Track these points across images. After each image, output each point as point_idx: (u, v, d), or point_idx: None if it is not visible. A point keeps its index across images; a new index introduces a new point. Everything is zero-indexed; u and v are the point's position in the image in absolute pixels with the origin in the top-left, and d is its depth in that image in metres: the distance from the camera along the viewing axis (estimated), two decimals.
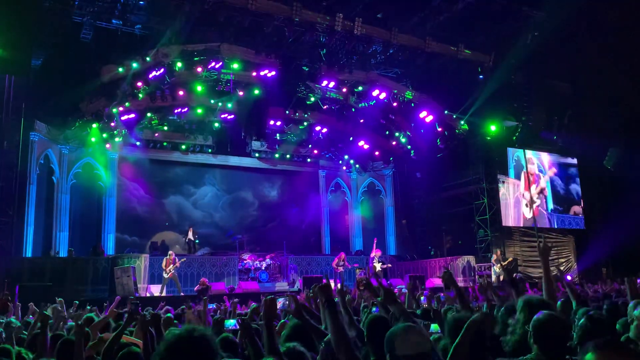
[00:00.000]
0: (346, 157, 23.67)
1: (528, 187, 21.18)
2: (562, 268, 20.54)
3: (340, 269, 18.42)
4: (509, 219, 20.67)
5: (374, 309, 5.65)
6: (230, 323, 4.46)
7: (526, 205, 21.12)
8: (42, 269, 14.90)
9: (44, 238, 17.57)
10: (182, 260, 16.85)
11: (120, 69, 15.85)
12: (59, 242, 17.86)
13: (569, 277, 19.28)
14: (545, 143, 22.26)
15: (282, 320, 5.15)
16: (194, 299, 13.06)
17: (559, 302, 5.00)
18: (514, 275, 15.19)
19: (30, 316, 8.05)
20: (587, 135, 21.60)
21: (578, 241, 21.99)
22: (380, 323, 3.57)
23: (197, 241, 19.67)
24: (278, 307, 6.02)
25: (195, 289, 15.51)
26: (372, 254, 19.22)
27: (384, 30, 16.89)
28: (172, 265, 16.03)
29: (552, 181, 22.35)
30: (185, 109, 18.82)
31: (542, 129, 21.56)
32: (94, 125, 17.61)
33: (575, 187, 22.92)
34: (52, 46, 15.17)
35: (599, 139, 21.86)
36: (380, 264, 18.98)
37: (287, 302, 6.96)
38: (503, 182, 20.74)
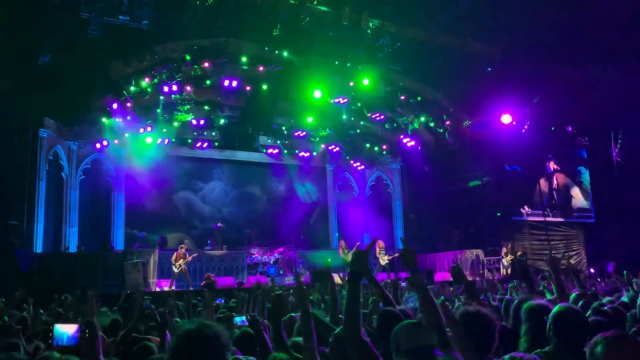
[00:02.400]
0: (354, 151, 23.63)
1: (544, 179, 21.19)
2: (572, 262, 20.45)
3: (350, 256, 18.28)
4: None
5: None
6: (240, 319, 4.47)
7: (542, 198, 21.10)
8: (52, 265, 15.00)
9: (53, 234, 17.70)
10: (194, 255, 16.91)
11: (128, 65, 15.89)
12: (69, 237, 17.98)
13: (592, 270, 19.21)
14: (555, 134, 22.11)
15: (292, 314, 5.15)
16: (199, 293, 13.08)
17: (572, 295, 4.98)
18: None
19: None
20: (598, 126, 21.45)
21: (587, 235, 21.88)
22: (391, 318, 3.57)
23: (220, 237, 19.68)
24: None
25: (202, 284, 15.56)
26: (376, 247, 19.04)
27: (391, 23, 16.82)
28: (182, 260, 16.10)
29: (562, 173, 22.26)
30: (193, 104, 18.83)
31: (552, 120, 21.43)
32: (103, 121, 17.70)
33: (585, 179, 22.80)
34: (59, 43, 15.21)
35: (610, 130, 21.70)
36: (387, 256, 18.85)
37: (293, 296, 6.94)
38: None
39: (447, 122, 20.34)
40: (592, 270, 20.02)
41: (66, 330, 2.55)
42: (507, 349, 3.33)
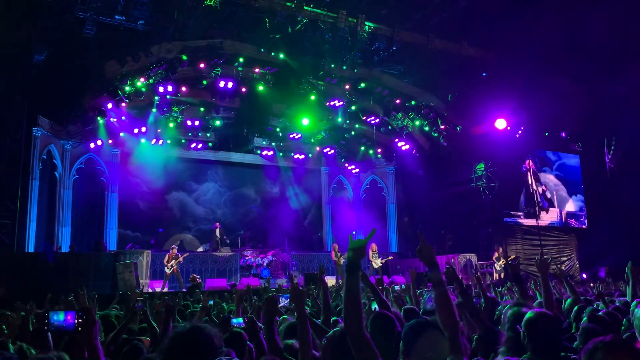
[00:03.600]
0: (349, 154, 23.64)
1: (533, 184, 21.20)
2: (563, 267, 20.55)
3: (342, 260, 18.14)
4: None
5: (374, 306, 5.65)
6: (237, 321, 4.47)
7: (532, 204, 21.14)
8: (44, 264, 14.89)
9: (46, 233, 17.60)
10: (185, 255, 16.89)
11: (123, 65, 15.85)
12: (61, 237, 17.89)
13: (584, 276, 19.29)
14: (549, 140, 22.23)
15: (284, 317, 5.14)
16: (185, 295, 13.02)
17: (568, 300, 4.99)
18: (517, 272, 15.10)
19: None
20: (590, 131, 21.56)
21: (580, 239, 21.97)
22: (383, 320, 3.55)
23: (227, 241, 19.54)
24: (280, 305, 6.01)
25: (188, 286, 15.50)
26: (369, 250, 19.00)
27: (387, 27, 16.86)
28: (174, 261, 16.04)
29: (554, 178, 22.35)
30: (188, 105, 18.80)
31: (545, 126, 21.54)
32: (97, 121, 17.64)
33: (577, 185, 22.90)
34: (55, 41, 15.16)
35: (603, 136, 21.82)
36: (380, 259, 18.82)
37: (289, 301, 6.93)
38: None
39: (442, 126, 20.41)
40: (584, 276, 20.10)
41: (62, 316, 2.55)
42: (488, 349, 3.33)
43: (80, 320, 2.39)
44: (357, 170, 24.43)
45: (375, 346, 3.36)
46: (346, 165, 24.20)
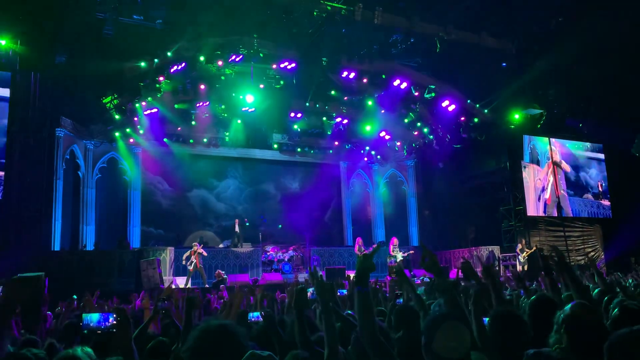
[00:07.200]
0: (367, 148, 23.53)
1: (553, 175, 20.88)
2: (589, 256, 20.26)
3: None
4: (531, 206, 20.41)
5: (400, 299, 5.64)
6: (254, 314, 4.49)
7: (552, 194, 20.85)
8: (70, 262, 15.15)
9: (71, 232, 17.90)
10: (202, 246, 16.88)
11: (143, 64, 16.01)
12: (86, 235, 18.18)
13: (600, 265, 18.98)
14: (571, 130, 21.91)
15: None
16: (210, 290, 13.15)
17: (595, 291, 4.91)
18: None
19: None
20: (614, 121, 21.17)
21: (605, 230, 21.65)
22: (407, 312, 3.55)
23: (237, 233, 19.54)
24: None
25: (213, 282, 15.62)
26: (390, 245, 18.96)
27: (404, 19, 16.71)
28: (194, 256, 16.14)
29: (576, 169, 22.02)
30: (207, 103, 18.89)
31: (567, 116, 21.21)
32: (117, 119, 17.83)
33: (601, 175, 22.55)
34: (75, 42, 15.35)
35: (627, 126, 21.42)
36: (402, 253, 18.77)
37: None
38: (525, 167, 20.52)
39: (462, 118, 20.19)
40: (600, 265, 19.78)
41: (97, 317, 2.58)
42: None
43: (115, 322, 2.42)
44: (376, 164, 24.33)
45: (400, 339, 3.36)
46: (365, 159, 24.10)
